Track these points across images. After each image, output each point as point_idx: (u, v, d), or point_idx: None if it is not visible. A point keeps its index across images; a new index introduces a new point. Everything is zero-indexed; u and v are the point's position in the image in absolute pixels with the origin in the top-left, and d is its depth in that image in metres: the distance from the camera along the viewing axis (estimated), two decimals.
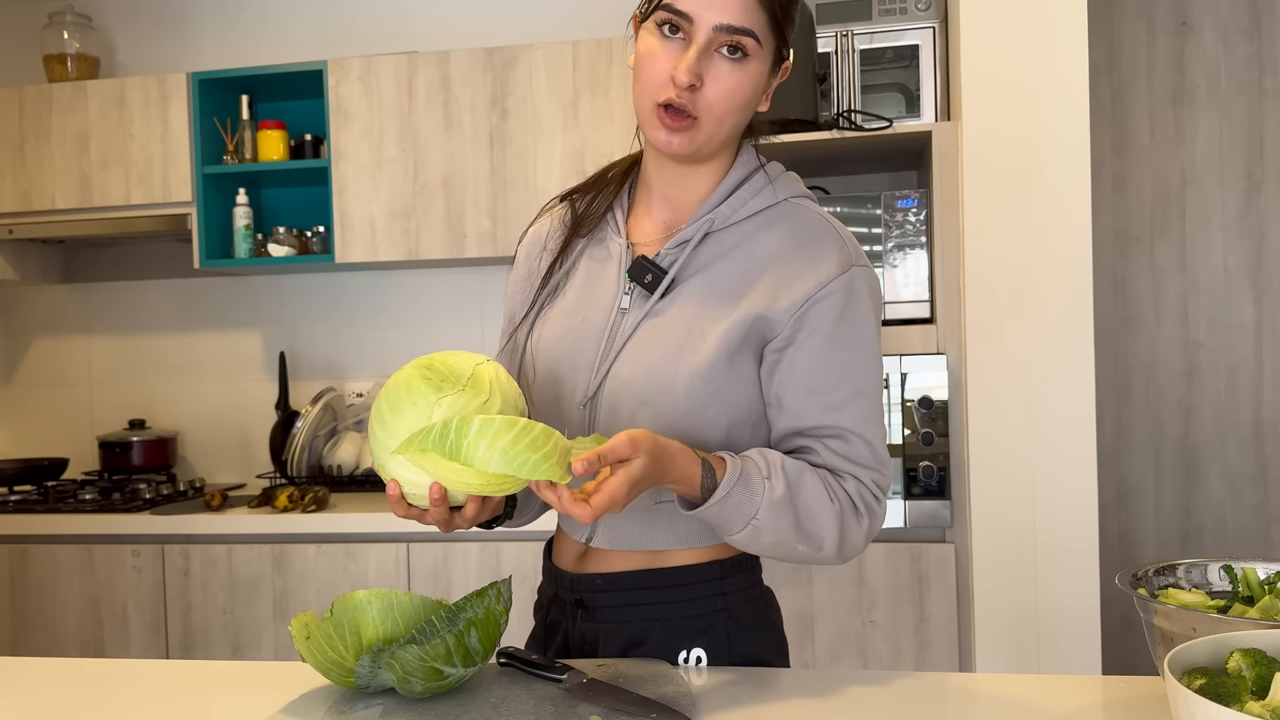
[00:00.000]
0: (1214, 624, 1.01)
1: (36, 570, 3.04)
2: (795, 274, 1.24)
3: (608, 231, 1.36)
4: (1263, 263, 3.29)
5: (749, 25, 1.18)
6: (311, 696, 1.21)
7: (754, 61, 1.20)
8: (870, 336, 1.26)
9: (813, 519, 1.19)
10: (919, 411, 2.57)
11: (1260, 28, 3.27)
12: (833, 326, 1.23)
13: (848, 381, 1.23)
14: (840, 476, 1.24)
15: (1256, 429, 3.30)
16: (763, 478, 1.17)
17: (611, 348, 1.28)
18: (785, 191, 1.32)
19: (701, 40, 1.17)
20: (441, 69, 3.14)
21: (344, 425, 3.42)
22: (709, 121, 1.21)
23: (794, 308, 1.23)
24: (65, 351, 3.76)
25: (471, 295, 3.50)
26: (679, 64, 1.17)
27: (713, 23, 1.17)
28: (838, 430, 1.23)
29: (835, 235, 1.27)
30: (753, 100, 1.24)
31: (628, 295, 1.30)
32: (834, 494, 1.21)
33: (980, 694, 1.22)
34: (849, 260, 1.25)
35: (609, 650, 1.31)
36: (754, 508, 1.16)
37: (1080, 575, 2.44)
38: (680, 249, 1.28)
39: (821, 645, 2.66)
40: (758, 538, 1.18)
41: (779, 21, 1.20)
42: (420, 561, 2.86)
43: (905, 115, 2.80)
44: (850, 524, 1.22)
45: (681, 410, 1.23)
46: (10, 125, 3.34)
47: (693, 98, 1.19)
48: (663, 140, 1.22)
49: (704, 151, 1.26)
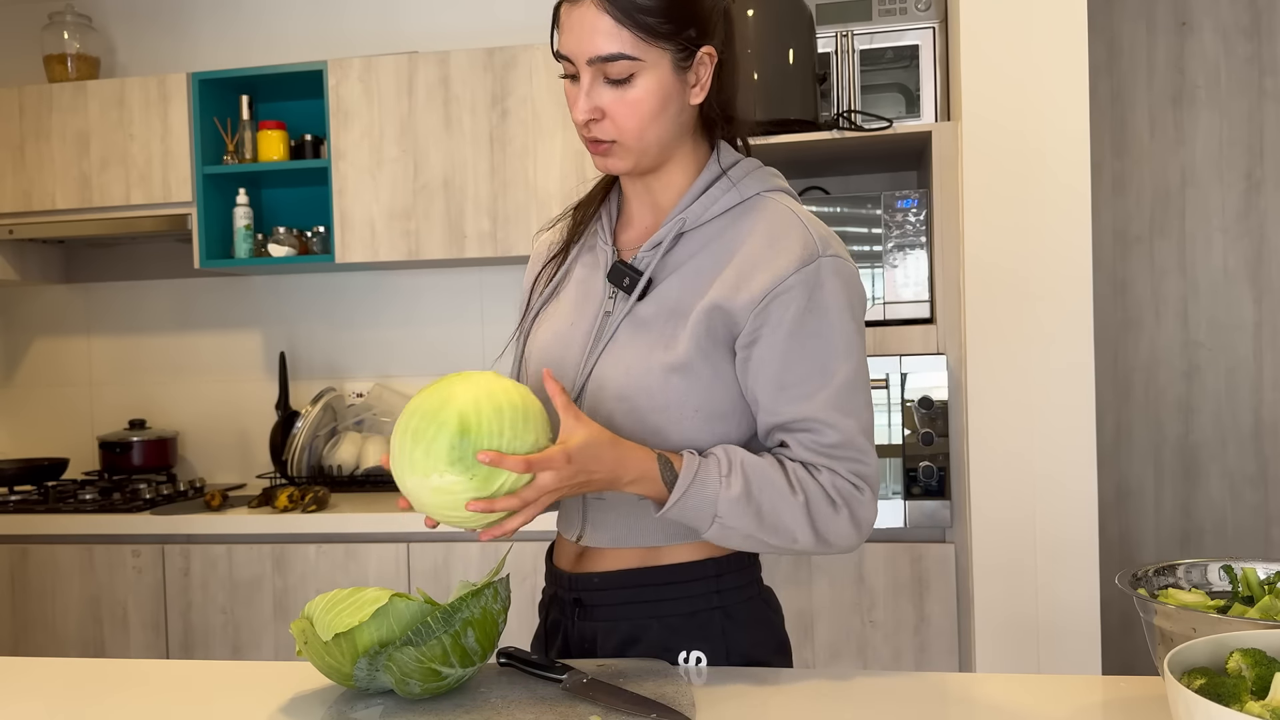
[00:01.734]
0: (1214, 624, 1.02)
1: (37, 570, 3.05)
2: (754, 267, 1.26)
3: (598, 239, 1.41)
4: (1262, 263, 3.30)
5: (616, 50, 1.21)
6: (311, 696, 1.21)
7: (643, 76, 1.23)
8: (839, 325, 1.26)
9: (777, 514, 1.22)
10: (919, 412, 2.58)
11: (1260, 28, 3.27)
12: (795, 320, 1.24)
13: (816, 373, 1.24)
14: (813, 469, 1.25)
15: (1256, 429, 3.31)
16: (721, 476, 1.20)
17: (595, 349, 1.32)
18: (756, 186, 1.33)
19: (585, 78, 1.24)
20: (441, 69, 3.15)
21: (344, 425, 3.43)
22: (628, 139, 1.26)
23: (753, 303, 1.24)
24: (65, 351, 3.77)
25: (472, 295, 3.51)
26: (575, 104, 1.25)
27: (585, 57, 1.22)
28: (808, 423, 1.24)
29: (800, 228, 1.28)
30: (666, 105, 1.25)
31: (611, 299, 1.34)
32: (800, 487, 1.22)
33: (980, 694, 1.22)
34: (813, 253, 1.26)
35: (607, 648, 1.33)
36: (713, 506, 1.20)
37: (1080, 575, 2.45)
38: (654, 251, 1.32)
39: (821, 645, 2.67)
40: (726, 534, 1.22)
41: (652, 29, 1.21)
42: (420, 562, 2.87)
43: (905, 115, 2.81)
44: (824, 515, 1.23)
45: (658, 405, 1.25)
46: (10, 125, 3.35)
47: (602, 127, 1.26)
48: (600, 165, 1.31)
49: (645, 163, 1.30)
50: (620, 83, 1.23)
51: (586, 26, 1.21)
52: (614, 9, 1.20)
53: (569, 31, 1.24)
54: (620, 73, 1.22)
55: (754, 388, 1.27)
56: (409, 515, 2.85)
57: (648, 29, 1.21)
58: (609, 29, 1.20)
